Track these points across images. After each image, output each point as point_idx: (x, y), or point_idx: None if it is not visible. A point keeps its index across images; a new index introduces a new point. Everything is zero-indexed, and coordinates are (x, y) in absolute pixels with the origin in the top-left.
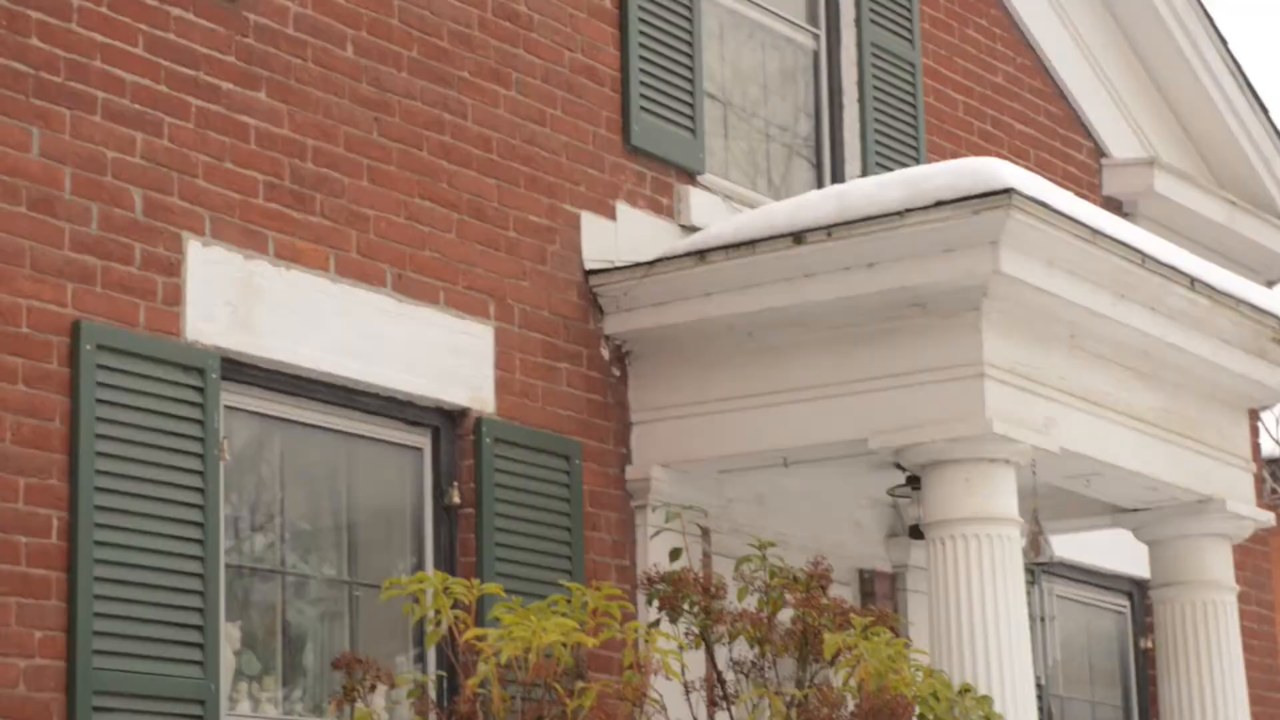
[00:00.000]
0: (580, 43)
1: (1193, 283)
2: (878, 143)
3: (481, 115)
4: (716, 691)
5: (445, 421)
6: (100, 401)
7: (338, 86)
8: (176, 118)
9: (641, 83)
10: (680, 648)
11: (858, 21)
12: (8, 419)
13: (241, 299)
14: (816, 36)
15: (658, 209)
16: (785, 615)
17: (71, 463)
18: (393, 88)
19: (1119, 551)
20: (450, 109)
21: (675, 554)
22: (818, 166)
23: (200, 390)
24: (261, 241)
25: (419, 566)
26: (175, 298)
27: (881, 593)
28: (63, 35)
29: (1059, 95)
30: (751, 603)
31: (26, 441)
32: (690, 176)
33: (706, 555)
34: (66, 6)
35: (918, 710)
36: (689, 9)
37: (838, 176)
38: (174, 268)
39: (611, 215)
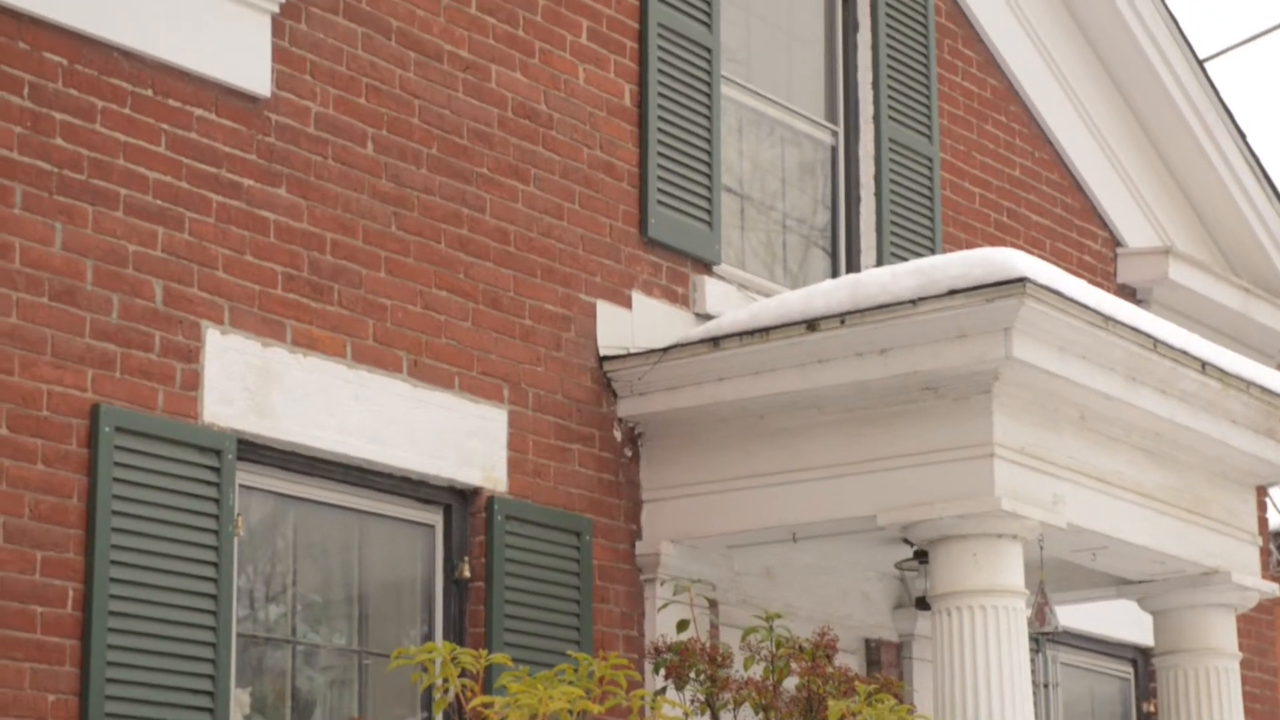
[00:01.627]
0: (599, 139)
1: (1204, 366)
2: (894, 234)
3: (500, 209)
4: None
5: (458, 500)
6: (118, 480)
7: (357, 182)
8: (198, 213)
9: (659, 177)
10: (686, 715)
11: (876, 118)
12: (27, 496)
13: (259, 384)
14: (835, 133)
15: (673, 298)
16: (790, 683)
17: (88, 537)
18: (412, 183)
19: (1123, 619)
20: (469, 203)
21: (683, 625)
22: (833, 257)
23: (216, 470)
24: (279, 330)
25: (429, 637)
26: (193, 383)
27: (887, 661)
28: (86, 135)
29: (1076, 187)
30: (757, 671)
31: (44, 517)
32: (706, 267)
33: (714, 627)
34: (90, 107)
35: None
36: (708, 107)
37: (853, 267)
38: (193, 354)
39: (627, 304)
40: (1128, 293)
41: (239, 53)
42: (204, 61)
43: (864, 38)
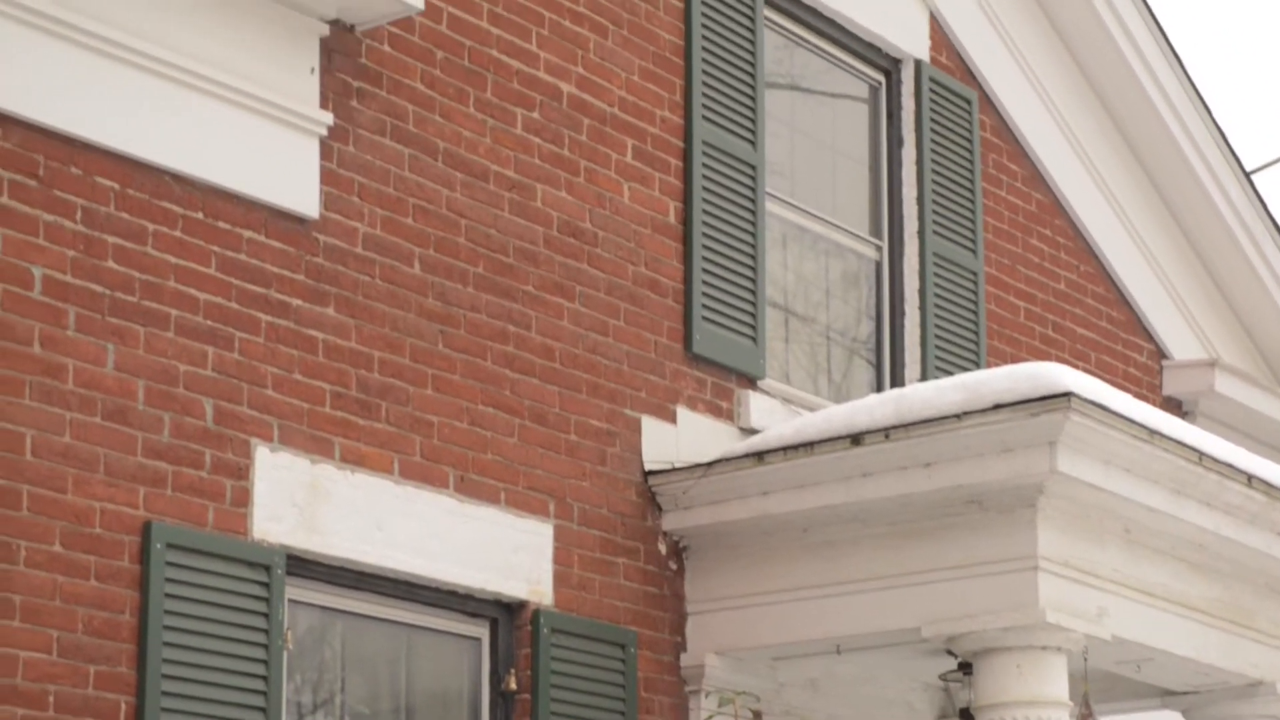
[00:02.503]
0: (644, 256)
1: (1250, 479)
2: (938, 347)
3: (545, 326)
4: None
5: (504, 613)
6: (169, 596)
7: (404, 301)
8: (247, 333)
9: (704, 293)
10: None
11: (921, 233)
12: (80, 612)
13: (308, 500)
14: (879, 247)
15: (718, 413)
16: None
17: (140, 652)
18: (458, 302)
19: None
20: (514, 321)
21: None
22: (878, 369)
23: (266, 585)
24: (328, 447)
25: None
26: (243, 500)
27: None
28: (138, 257)
29: (1121, 300)
30: None
31: (97, 632)
32: (750, 381)
33: None
34: (142, 230)
35: None
36: (752, 223)
37: (897, 380)
38: (242, 472)
39: (672, 419)
40: (1173, 405)
41: (288, 175)
42: (253, 184)
43: (908, 153)
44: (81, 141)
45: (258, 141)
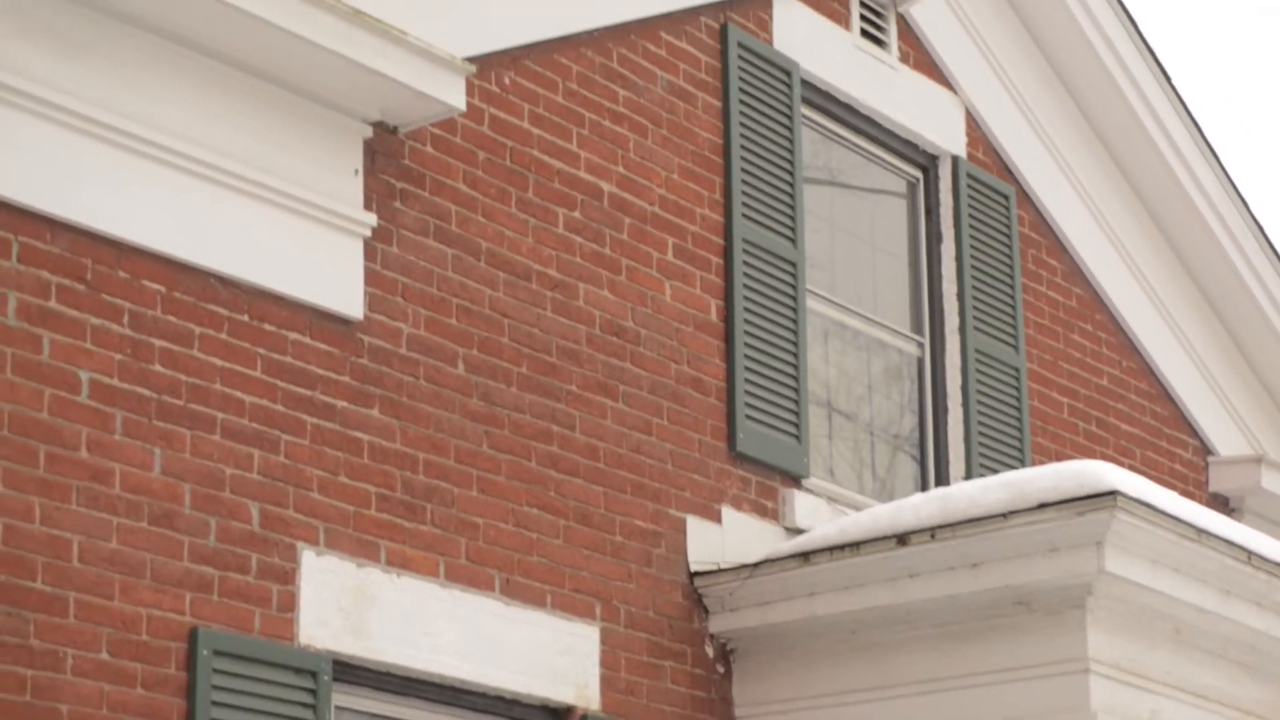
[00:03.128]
0: (686, 355)
1: None
2: (982, 444)
3: (589, 426)
4: None
5: (551, 718)
6: (216, 703)
7: (449, 402)
8: (293, 435)
9: (747, 391)
10: None
11: (962, 329)
12: None
13: (354, 605)
14: (921, 344)
15: (762, 512)
16: None
17: None
18: (502, 402)
19: None
20: (558, 421)
21: None
22: (921, 465)
23: (312, 692)
24: (374, 550)
25: None
26: (289, 605)
27: None
28: (184, 360)
29: (1165, 395)
30: None
31: None
32: (795, 480)
33: None
34: (188, 333)
35: None
36: (794, 320)
37: (941, 477)
38: (289, 576)
39: (717, 519)
40: (1220, 502)
41: (332, 277)
42: (298, 286)
43: (948, 248)
44: (128, 245)
45: (302, 243)
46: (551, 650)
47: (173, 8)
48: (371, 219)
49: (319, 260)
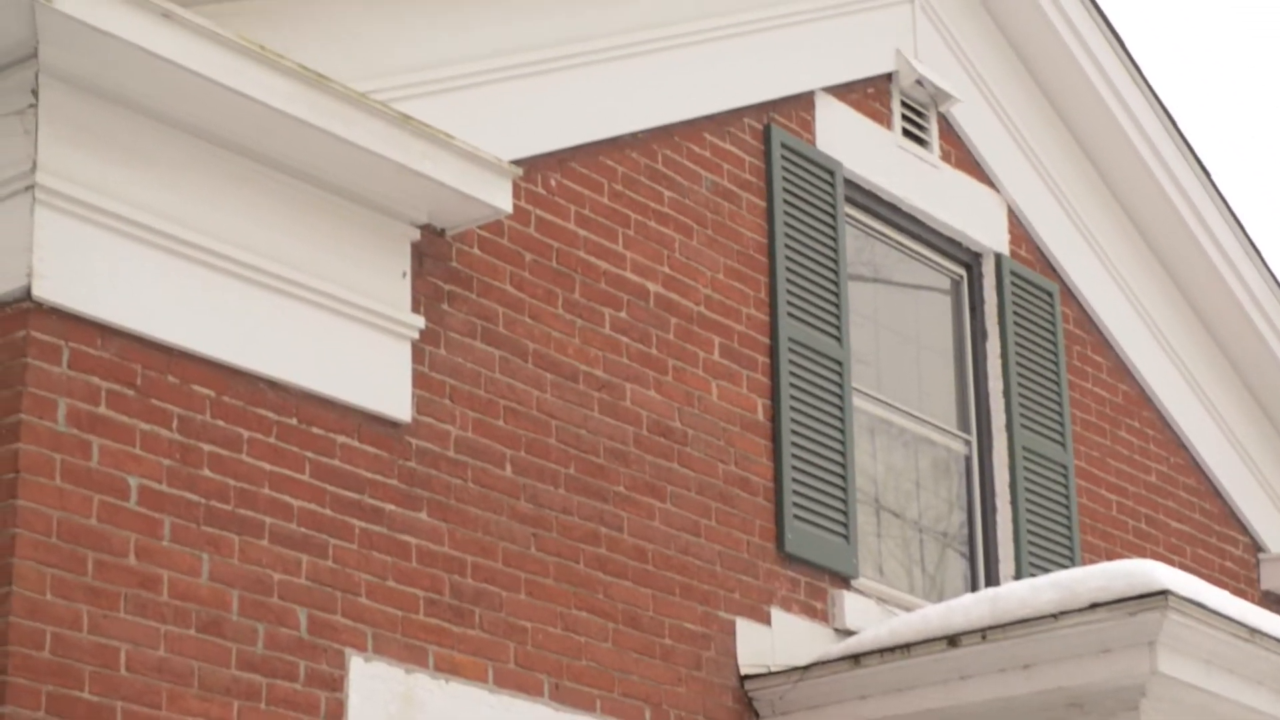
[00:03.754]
0: (734, 455)
1: None
2: (1031, 542)
3: (637, 528)
4: None
5: None
6: None
7: (496, 504)
8: (341, 539)
9: (795, 491)
10: None
11: (1009, 426)
12: None
13: (402, 711)
14: (968, 441)
15: (812, 614)
16: None
17: None
18: (550, 504)
19: None
20: (606, 522)
21: None
22: (971, 564)
23: None
24: (422, 655)
25: None
26: (338, 712)
27: None
28: (233, 465)
29: (1214, 492)
30: None
31: None
32: (844, 581)
33: None
34: (237, 438)
35: None
36: (840, 419)
37: (991, 575)
38: (337, 683)
39: (766, 621)
40: (1272, 600)
41: (380, 379)
42: (347, 389)
43: (993, 346)
44: (178, 350)
45: (350, 346)
46: None
47: (221, 113)
48: (419, 321)
49: (367, 363)
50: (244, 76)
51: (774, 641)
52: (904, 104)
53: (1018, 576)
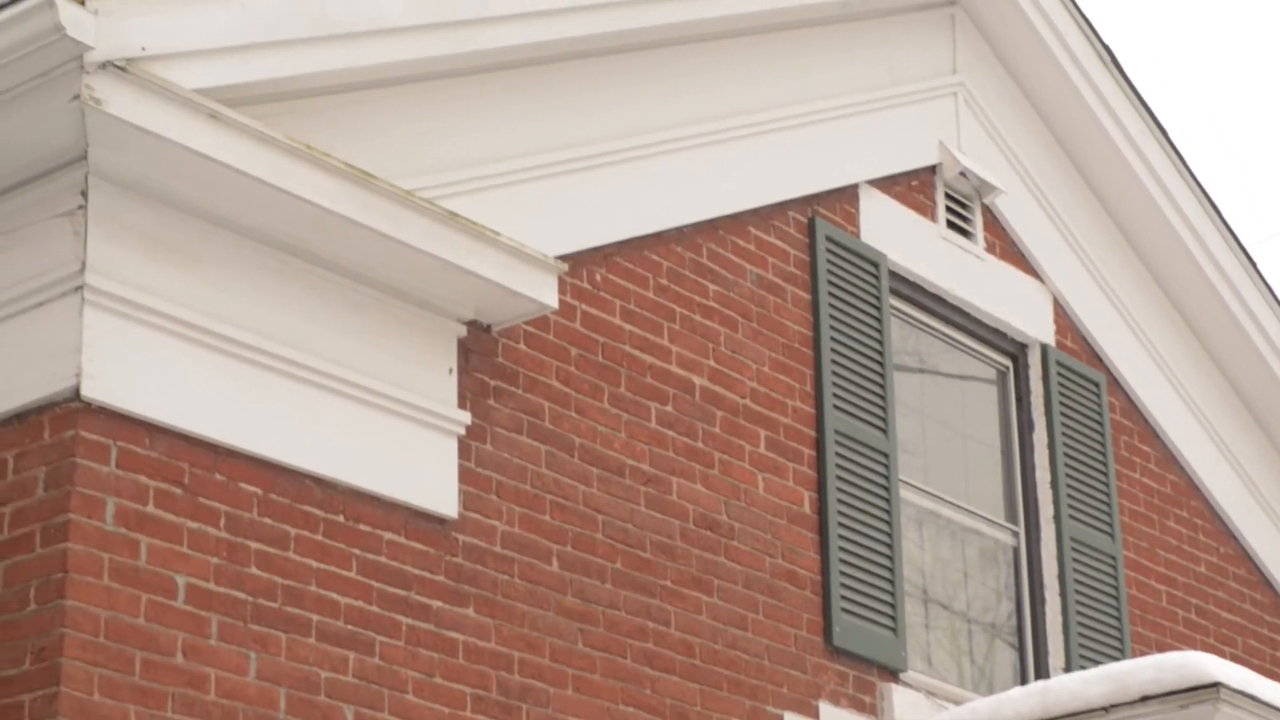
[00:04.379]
0: (780, 548)
1: None
2: (1080, 634)
3: (684, 622)
4: None
5: None
6: None
7: (543, 600)
8: (388, 636)
9: (842, 584)
10: None
11: (1057, 517)
12: None
13: None
14: (1016, 533)
15: (860, 707)
16: None
17: None
18: (597, 599)
19: None
20: (653, 617)
21: None
22: (1020, 655)
23: None
24: None
25: None
26: None
27: None
28: (280, 562)
29: (1264, 582)
30: None
31: None
32: (893, 674)
33: None
34: (284, 535)
35: None
36: (887, 511)
37: (1041, 666)
38: None
39: (815, 716)
40: None
41: (427, 475)
42: (393, 485)
43: (1039, 436)
44: (225, 448)
45: (397, 442)
46: None
47: (269, 212)
48: (466, 417)
49: (414, 459)
50: (292, 176)
51: None
52: (948, 195)
53: (1068, 668)
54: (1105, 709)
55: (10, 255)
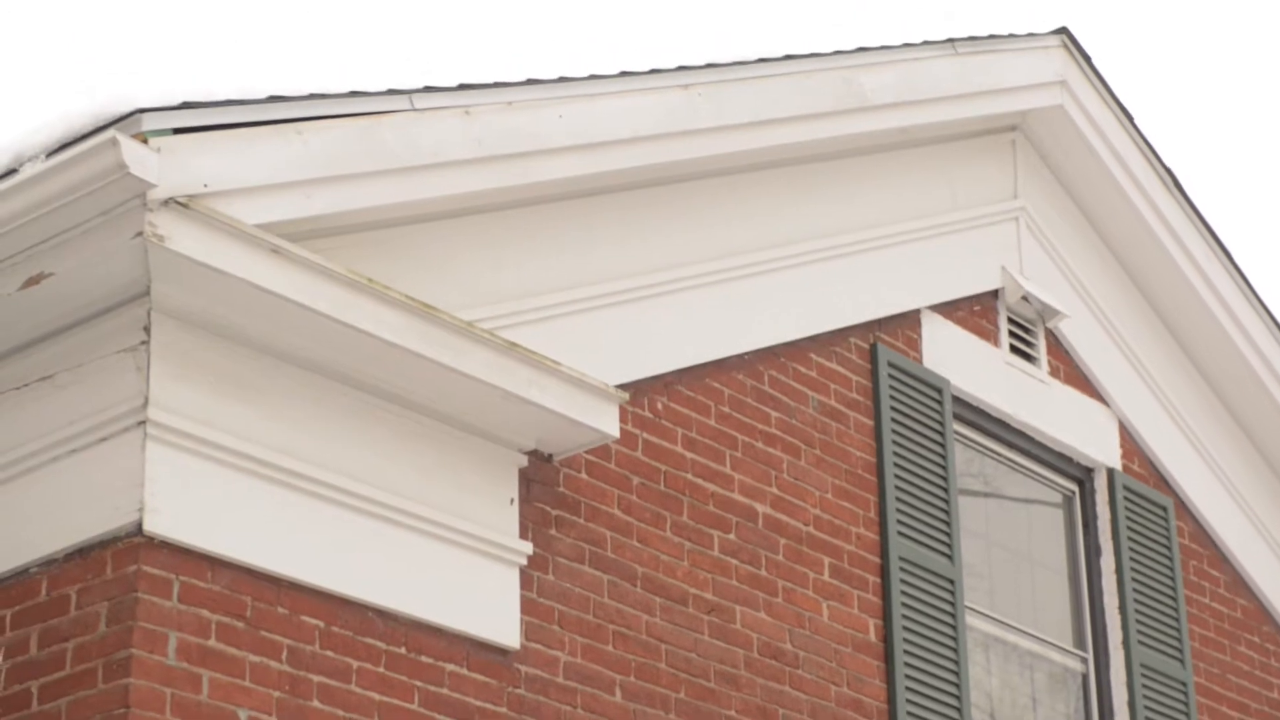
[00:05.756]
0: (846, 676)
1: None
2: None
3: None
4: None
5: None
6: None
7: None
8: None
9: (909, 713)
10: None
11: (1126, 643)
12: None
13: None
14: (1084, 659)
15: None
16: None
17: None
18: None
19: None
20: None
21: None
22: None
23: None
24: None
25: None
26: None
27: None
28: (343, 695)
29: None
30: None
31: None
32: None
33: None
34: (346, 668)
35: None
36: (954, 639)
37: None
38: None
39: None
40: None
41: (489, 606)
42: (455, 617)
43: (1107, 562)
44: (287, 580)
45: (459, 573)
46: None
47: (330, 345)
48: (528, 547)
49: (476, 590)
50: (353, 309)
51: None
52: (1011, 320)
53: None
54: None
55: (74, 391)
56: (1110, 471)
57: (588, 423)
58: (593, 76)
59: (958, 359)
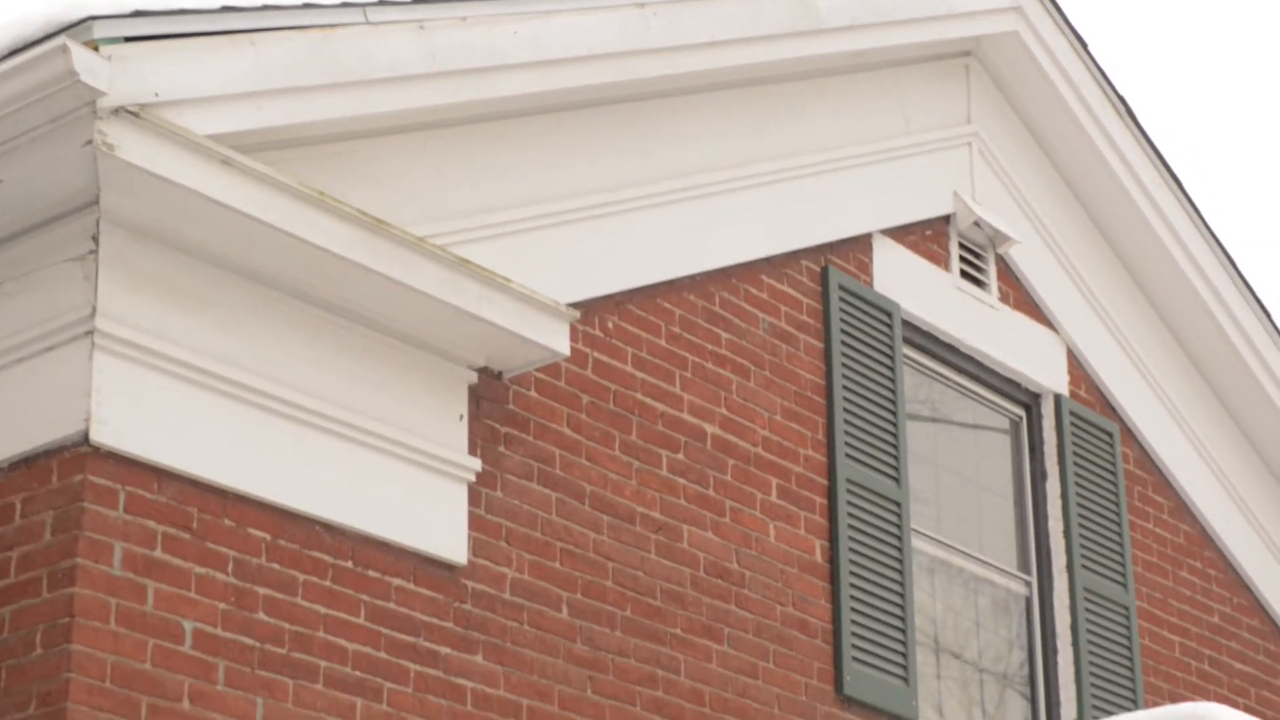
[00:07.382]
0: (791, 596)
1: None
2: (1093, 684)
3: (694, 670)
4: None
5: None
6: None
7: (553, 647)
8: (396, 683)
9: (853, 633)
10: None
11: (1070, 567)
12: None
13: None
14: (1028, 583)
15: None
16: None
17: None
18: (606, 646)
19: None
20: (663, 665)
21: None
22: (1033, 705)
23: None
24: None
25: None
26: None
27: None
28: (288, 608)
29: (1277, 633)
30: None
31: None
32: None
33: None
34: (292, 581)
35: None
36: (899, 560)
37: (1052, 717)
38: None
39: None
40: None
41: (436, 522)
42: (403, 532)
43: (1053, 486)
44: (234, 493)
45: (407, 489)
46: None
47: (280, 258)
48: (476, 464)
49: (423, 506)
50: (304, 222)
51: None
52: (962, 245)
53: (1079, 718)
54: None
55: (21, 299)
56: (1057, 397)
57: (538, 340)
58: None
59: (908, 283)
